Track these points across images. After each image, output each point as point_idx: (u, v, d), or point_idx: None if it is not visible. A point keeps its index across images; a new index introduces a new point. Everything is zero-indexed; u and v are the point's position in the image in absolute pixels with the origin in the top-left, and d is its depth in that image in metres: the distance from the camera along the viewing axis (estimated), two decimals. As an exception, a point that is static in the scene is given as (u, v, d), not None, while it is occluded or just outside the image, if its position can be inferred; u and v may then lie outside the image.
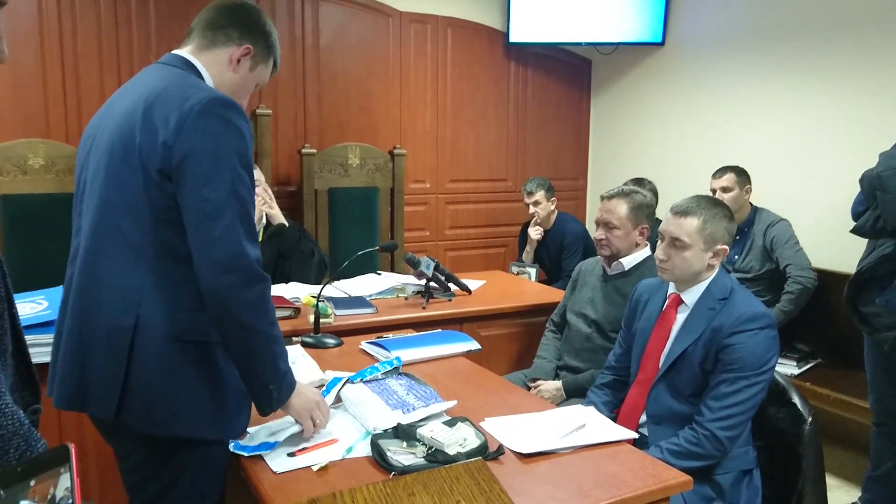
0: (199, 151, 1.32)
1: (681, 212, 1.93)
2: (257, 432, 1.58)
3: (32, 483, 0.76)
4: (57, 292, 1.55)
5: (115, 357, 1.35)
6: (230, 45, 1.50)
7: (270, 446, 1.49)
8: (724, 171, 3.51)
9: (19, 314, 1.12)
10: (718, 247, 1.91)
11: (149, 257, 1.37)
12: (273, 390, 1.43)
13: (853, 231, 2.41)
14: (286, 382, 1.46)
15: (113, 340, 1.36)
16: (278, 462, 1.46)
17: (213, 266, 1.33)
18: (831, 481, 2.99)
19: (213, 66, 1.50)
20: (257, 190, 2.94)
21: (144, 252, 1.37)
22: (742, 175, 3.48)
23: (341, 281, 3.08)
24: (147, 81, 1.45)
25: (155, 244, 1.37)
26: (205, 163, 1.32)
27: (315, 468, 1.44)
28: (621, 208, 2.46)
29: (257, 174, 3.03)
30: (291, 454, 1.49)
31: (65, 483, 0.77)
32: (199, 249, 1.33)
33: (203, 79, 1.48)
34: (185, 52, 1.51)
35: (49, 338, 1.56)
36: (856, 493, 2.82)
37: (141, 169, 1.35)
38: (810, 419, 1.79)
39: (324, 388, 1.76)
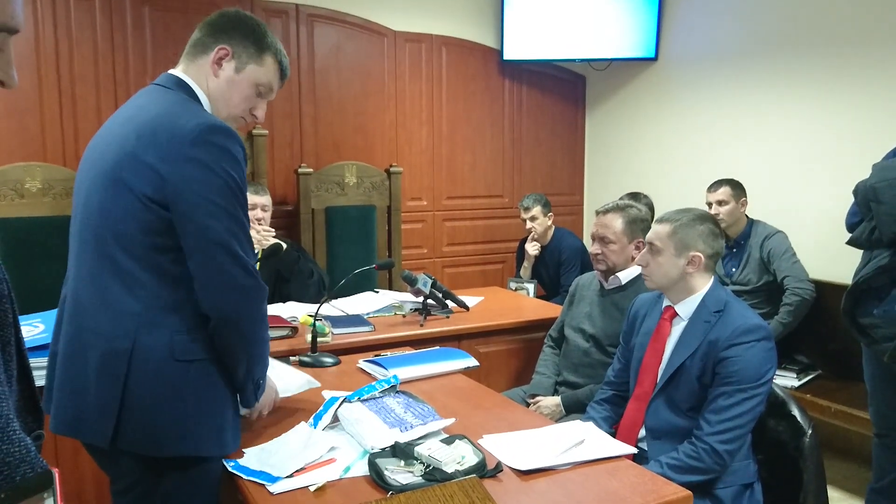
0: (194, 181, 1.35)
1: (658, 220, 2.01)
2: (252, 453, 1.57)
3: None
4: (53, 315, 1.55)
5: (111, 382, 1.36)
6: (208, 52, 1.52)
7: (272, 479, 1.47)
8: (719, 184, 3.52)
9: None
10: (691, 253, 1.92)
11: (143, 283, 1.38)
12: (261, 383, 1.53)
13: (849, 242, 2.41)
14: (266, 374, 1.57)
15: (108, 365, 1.36)
16: (276, 482, 1.45)
17: (219, 290, 1.38)
18: (834, 493, 2.97)
19: (200, 77, 1.52)
20: (255, 228, 2.96)
21: (139, 278, 1.38)
22: (737, 188, 3.49)
23: (339, 299, 3.07)
24: (141, 106, 1.46)
25: (149, 270, 1.38)
26: (201, 192, 1.35)
27: (312, 489, 1.43)
28: (616, 223, 2.47)
29: (265, 200, 3.06)
30: (289, 475, 1.48)
31: None
32: (204, 274, 1.37)
33: (196, 95, 1.51)
34: (177, 70, 1.54)
35: (44, 361, 1.55)
36: (859, 506, 2.80)
37: (132, 197, 1.36)
38: (810, 431, 1.79)
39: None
